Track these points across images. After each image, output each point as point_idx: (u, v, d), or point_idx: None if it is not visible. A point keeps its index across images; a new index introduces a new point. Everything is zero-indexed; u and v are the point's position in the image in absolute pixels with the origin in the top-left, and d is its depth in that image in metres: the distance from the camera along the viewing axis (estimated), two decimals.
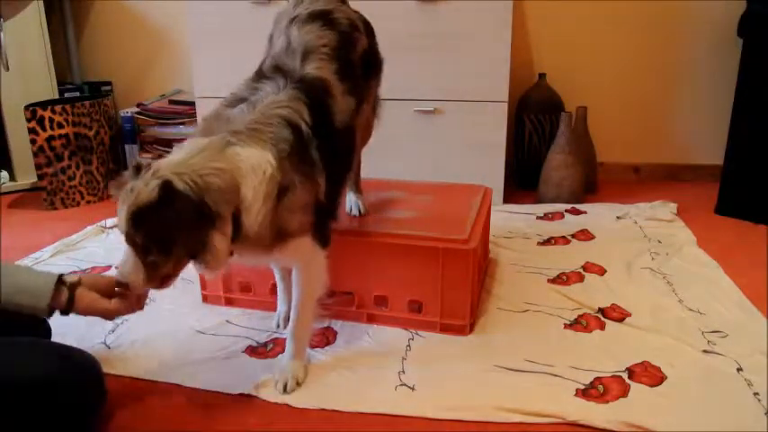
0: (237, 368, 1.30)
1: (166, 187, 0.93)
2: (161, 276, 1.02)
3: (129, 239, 0.97)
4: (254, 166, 1.00)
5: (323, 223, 1.18)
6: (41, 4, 2.63)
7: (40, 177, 2.42)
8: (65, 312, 1.06)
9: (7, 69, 1.72)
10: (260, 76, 1.17)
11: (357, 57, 1.29)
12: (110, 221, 2.16)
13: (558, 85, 2.52)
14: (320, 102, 1.13)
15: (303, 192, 1.07)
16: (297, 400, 1.19)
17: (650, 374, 1.24)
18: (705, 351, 1.32)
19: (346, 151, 1.21)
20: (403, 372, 1.27)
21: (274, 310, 1.53)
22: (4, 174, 2.65)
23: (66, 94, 2.79)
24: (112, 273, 1.81)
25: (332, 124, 1.14)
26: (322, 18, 1.23)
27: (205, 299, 1.60)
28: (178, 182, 0.93)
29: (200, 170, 0.96)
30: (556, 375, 1.25)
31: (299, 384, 1.23)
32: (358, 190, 1.58)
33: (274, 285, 1.52)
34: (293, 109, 1.08)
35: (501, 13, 2.12)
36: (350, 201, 1.56)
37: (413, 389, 1.22)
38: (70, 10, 2.88)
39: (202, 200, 0.94)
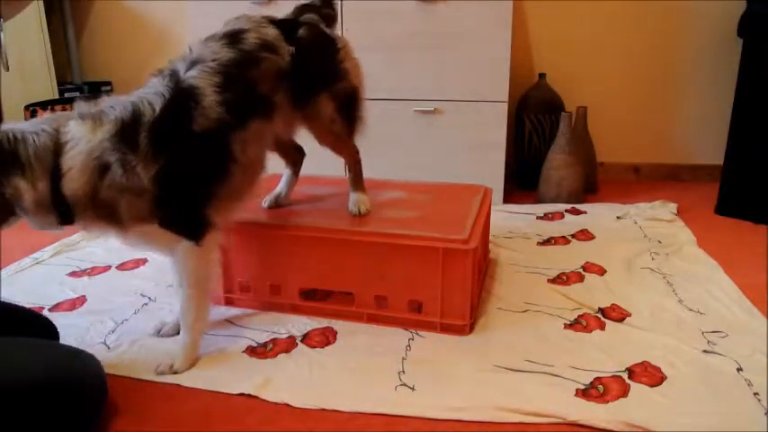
0: (237, 368, 1.30)
1: None
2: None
3: None
4: (76, 137, 1.12)
5: (177, 216, 1.23)
6: (41, 4, 2.64)
7: None
8: None
9: (7, 69, 1.72)
10: (159, 71, 1.27)
11: (260, 75, 1.30)
12: None
13: (558, 85, 2.53)
14: (181, 103, 1.20)
15: (123, 173, 1.14)
16: (297, 399, 1.19)
17: (650, 374, 1.24)
18: (705, 351, 1.32)
19: (206, 156, 1.24)
20: (403, 372, 1.27)
21: (274, 310, 1.53)
22: None
23: (66, 94, 2.79)
24: (112, 273, 1.81)
25: (188, 126, 1.20)
26: (230, 37, 1.30)
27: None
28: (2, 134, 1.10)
29: (29, 129, 1.11)
30: (556, 375, 1.25)
31: (172, 371, 1.27)
32: (357, 189, 1.58)
33: (274, 286, 1.53)
34: (147, 100, 1.18)
35: (501, 13, 2.12)
36: (351, 200, 1.56)
37: (413, 389, 1.22)
38: (70, 10, 2.89)
39: (16, 149, 1.09)
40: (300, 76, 1.37)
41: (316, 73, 1.42)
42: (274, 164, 1.58)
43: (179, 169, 1.19)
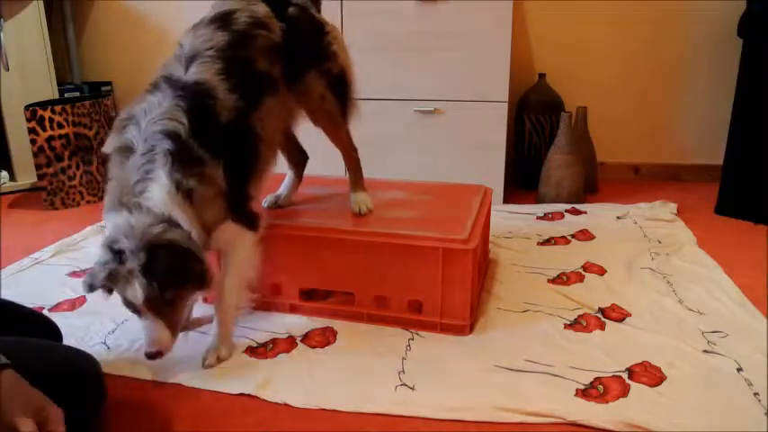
0: (237, 368, 1.30)
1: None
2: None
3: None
4: (160, 200, 1.13)
5: (239, 208, 1.28)
6: (41, 4, 2.63)
7: (40, 177, 2.42)
8: None
9: (7, 69, 1.72)
10: (153, 86, 1.25)
11: (257, 53, 1.32)
12: None
13: (558, 85, 2.52)
14: (200, 105, 1.21)
15: (203, 189, 1.18)
16: (297, 399, 1.19)
17: (650, 374, 1.24)
18: (705, 351, 1.32)
19: (240, 142, 1.27)
20: (403, 372, 1.27)
21: (274, 310, 1.53)
22: (4, 174, 2.65)
23: (67, 94, 2.79)
24: None
25: (216, 122, 1.22)
26: (219, 20, 1.31)
27: (205, 299, 1.60)
28: (157, 245, 1.11)
29: (149, 234, 1.11)
30: (556, 375, 1.25)
31: (219, 361, 1.31)
32: (358, 189, 1.58)
33: (274, 285, 1.53)
34: (171, 119, 1.17)
35: (501, 13, 2.12)
36: (352, 200, 1.56)
37: (413, 389, 1.22)
38: (70, 10, 2.88)
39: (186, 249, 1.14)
40: (291, 51, 1.39)
41: (305, 50, 1.43)
42: (277, 164, 1.58)
43: (233, 160, 1.24)
